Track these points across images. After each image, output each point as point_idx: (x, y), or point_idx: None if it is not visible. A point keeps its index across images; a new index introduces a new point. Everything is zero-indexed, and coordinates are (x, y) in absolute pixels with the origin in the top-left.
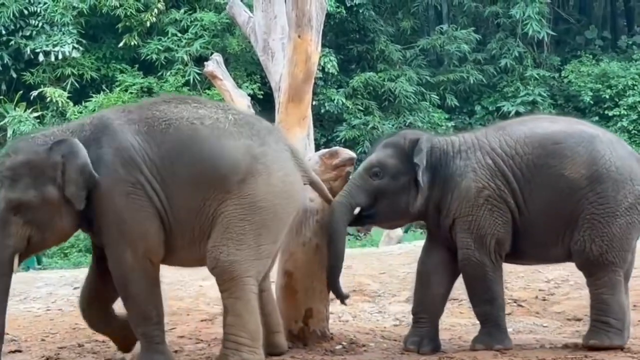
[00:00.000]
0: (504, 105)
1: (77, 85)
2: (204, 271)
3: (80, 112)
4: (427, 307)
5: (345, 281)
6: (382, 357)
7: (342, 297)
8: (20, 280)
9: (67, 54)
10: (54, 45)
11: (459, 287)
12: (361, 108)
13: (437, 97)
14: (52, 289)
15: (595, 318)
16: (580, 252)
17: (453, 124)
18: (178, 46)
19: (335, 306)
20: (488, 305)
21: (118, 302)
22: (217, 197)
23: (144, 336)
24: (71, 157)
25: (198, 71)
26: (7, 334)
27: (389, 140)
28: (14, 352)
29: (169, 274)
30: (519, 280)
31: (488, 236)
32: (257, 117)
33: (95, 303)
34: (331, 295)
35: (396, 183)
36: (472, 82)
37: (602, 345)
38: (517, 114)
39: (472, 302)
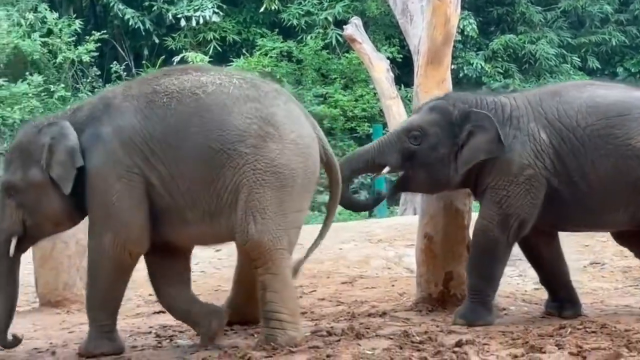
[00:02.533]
0: None
1: (219, 49)
2: (343, 234)
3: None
4: (551, 277)
5: None
6: (522, 321)
7: None
8: None
9: (208, 18)
10: (195, 10)
11: (600, 251)
12: (500, 71)
13: (579, 60)
14: (194, 251)
15: None
16: None
17: None
18: (318, 10)
19: None
20: (483, 282)
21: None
22: (230, 166)
23: (94, 321)
24: (60, 139)
25: (340, 33)
26: (151, 295)
27: (437, 105)
28: (158, 312)
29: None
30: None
31: (514, 216)
32: (263, 79)
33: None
34: None
35: (435, 154)
36: (614, 43)
37: None
38: None
39: (468, 273)
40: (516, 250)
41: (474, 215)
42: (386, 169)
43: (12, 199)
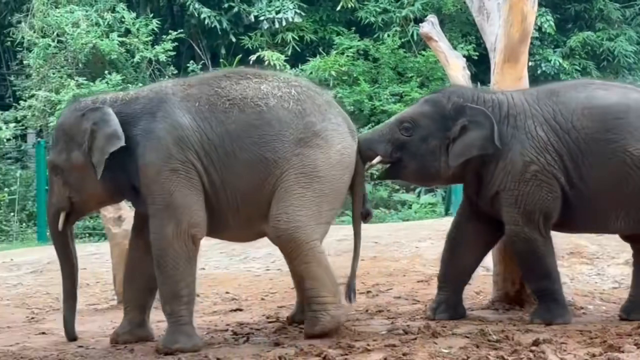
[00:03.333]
0: None
1: (296, 48)
2: (419, 232)
3: (297, 75)
4: (452, 276)
5: (561, 242)
6: (600, 320)
7: None
8: None
9: (290, 19)
10: (277, 12)
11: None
12: (578, 68)
13: None
14: (271, 250)
15: None
16: None
17: None
18: (396, 8)
19: None
20: (544, 280)
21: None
22: (276, 174)
23: (171, 315)
24: (102, 125)
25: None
26: (228, 292)
27: (431, 97)
28: (235, 310)
29: (385, 235)
30: None
31: (536, 211)
32: (317, 89)
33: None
34: None
35: (425, 146)
36: None
37: None
38: None
39: (526, 279)
40: (594, 248)
41: None
42: (377, 159)
43: (58, 177)
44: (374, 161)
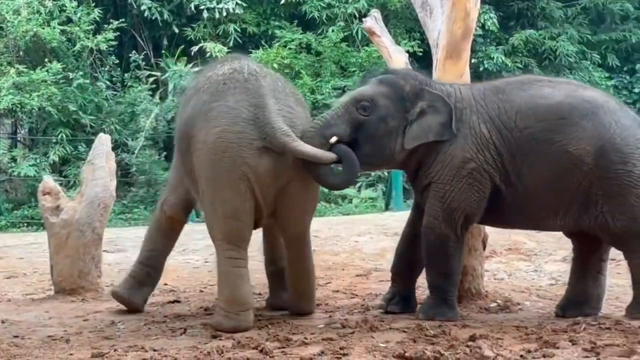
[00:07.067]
0: None
1: (238, 40)
2: (359, 227)
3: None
4: (405, 268)
5: (500, 239)
6: (537, 316)
7: None
8: None
9: (231, 10)
10: (218, 2)
11: None
12: (520, 66)
13: (598, 57)
14: (210, 242)
15: (639, 292)
16: (604, 228)
17: (614, 83)
18: (340, 3)
19: (490, 264)
20: (443, 279)
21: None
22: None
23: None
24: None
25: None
26: (167, 284)
27: (387, 79)
28: (173, 302)
29: (325, 229)
30: None
31: (459, 210)
32: (253, 72)
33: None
34: (487, 252)
35: (384, 126)
36: (634, 41)
37: None
38: None
39: (426, 271)
40: (531, 245)
41: None
42: (333, 139)
43: None
44: (332, 141)
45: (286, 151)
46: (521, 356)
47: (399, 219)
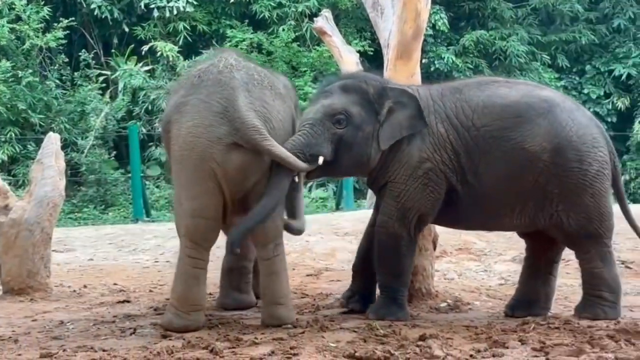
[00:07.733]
0: (615, 68)
1: (188, 39)
2: (310, 226)
3: (191, 67)
4: (366, 267)
5: (450, 239)
6: (486, 316)
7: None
8: (129, 232)
9: (182, 8)
10: (168, 1)
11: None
12: (471, 66)
13: (548, 57)
14: (160, 241)
15: (588, 292)
16: (558, 227)
17: (563, 84)
18: (291, 2)
19: (440, 264)
20: (393, 278)
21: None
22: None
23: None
24: None
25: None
26: (116, 284)
27: (350, 85)
28: (123, 302)
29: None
30: (627, 241)
31: (413, 210)
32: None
33: None
34: (437, 252)
35: (361, 133)
36: (583, 42)
37: (597, 319)
38: (629, 76)
39: (377, 270)
40: (481, 245)
41: None
42: (321, 159)
43: None
44: (319, 162)
45: (256, 149)
46: (471, 356)
47: (349, 218)
